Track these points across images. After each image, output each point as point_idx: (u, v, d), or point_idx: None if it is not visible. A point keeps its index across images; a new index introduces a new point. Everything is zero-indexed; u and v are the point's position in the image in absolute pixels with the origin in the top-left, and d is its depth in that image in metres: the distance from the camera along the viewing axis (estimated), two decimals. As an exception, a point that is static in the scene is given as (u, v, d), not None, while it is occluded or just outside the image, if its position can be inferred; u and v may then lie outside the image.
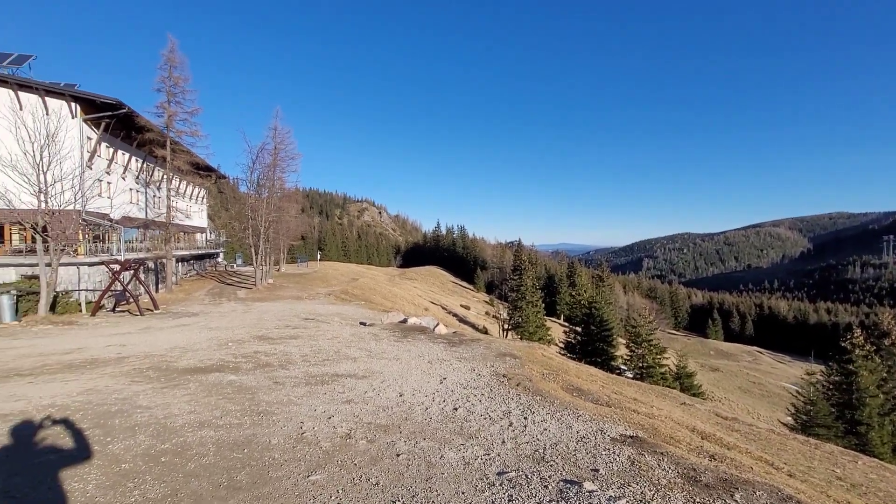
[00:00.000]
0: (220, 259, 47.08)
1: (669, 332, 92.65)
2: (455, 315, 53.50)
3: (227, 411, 5.36)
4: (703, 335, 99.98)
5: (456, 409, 5.62)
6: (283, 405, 5.64)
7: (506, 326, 45.39)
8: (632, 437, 4.88)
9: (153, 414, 5.21)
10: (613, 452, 4.34)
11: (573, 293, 60.51)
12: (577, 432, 4.93)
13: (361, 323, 14.38)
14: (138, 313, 17.00)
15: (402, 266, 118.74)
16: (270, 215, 32.70)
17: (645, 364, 29.71)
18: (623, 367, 31.94)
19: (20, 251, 22.90)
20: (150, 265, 26.31)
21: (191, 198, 41.24)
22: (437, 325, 11.77)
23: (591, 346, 32.86)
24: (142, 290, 18.82)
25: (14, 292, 15.18)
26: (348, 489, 3.58)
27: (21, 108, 21.47)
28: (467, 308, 65.33)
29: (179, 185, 35.93)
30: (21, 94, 23.55)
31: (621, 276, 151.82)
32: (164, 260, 27.38)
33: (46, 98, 23.66)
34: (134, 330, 13.01)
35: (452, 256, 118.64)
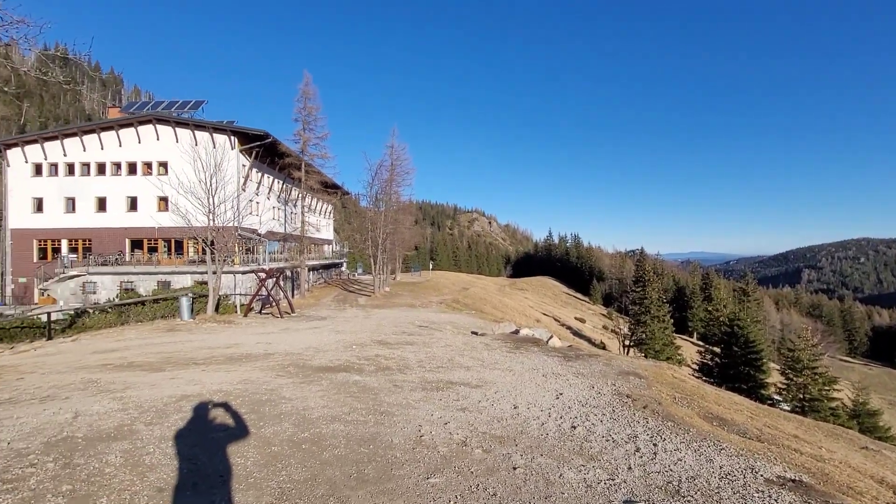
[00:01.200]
0: (343, 268, 51.84)
1: (842, 359, 76.91)
2: (569, 328, 51.36)
3: (354, 408, 5.80)
4: (893, 365, 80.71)
5: (574, 427, 5.32)
6: (403, 408, 5.92)
7: (626, 343, 42.21)
8: (793, 480, 4.09)
9: (294, 405, 5.87)
10: (769, 496, 3.68)
11: (709, 308, 53.92)
12: (721, 467, 4.29)
13: (473, 332, 14.55)
14: (279, 315, 19.37)
15: (512, 276, 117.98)
16: (387, 227, 35.12)
17: (807, 396, 25.04)
18: (776, 397, 27.37)
19: (193, 261, 27.99)
20: (287, 273, 30.02)
21: (320, 213, 46.29)
22: (551, 337, 11.36)
23: (732, 369, 28.74)
24: (281, 295, 21.52)
25: (191, 295, 18.39)
26: (466, 496, 3.59)
27: (196, 144, 26.32)
28: (582, 321, 62.27)
29: (311, 202, 40.61)
30: (197, 132, 28.95)
31: (772, 289, 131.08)
32: (298, 269, 31.07)
33: (214, 134, 28.72)
34: (276, 330, 14.89)
35: (566, 266, 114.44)
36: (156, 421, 5.15)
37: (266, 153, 31.28)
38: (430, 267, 73.79)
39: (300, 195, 33.13)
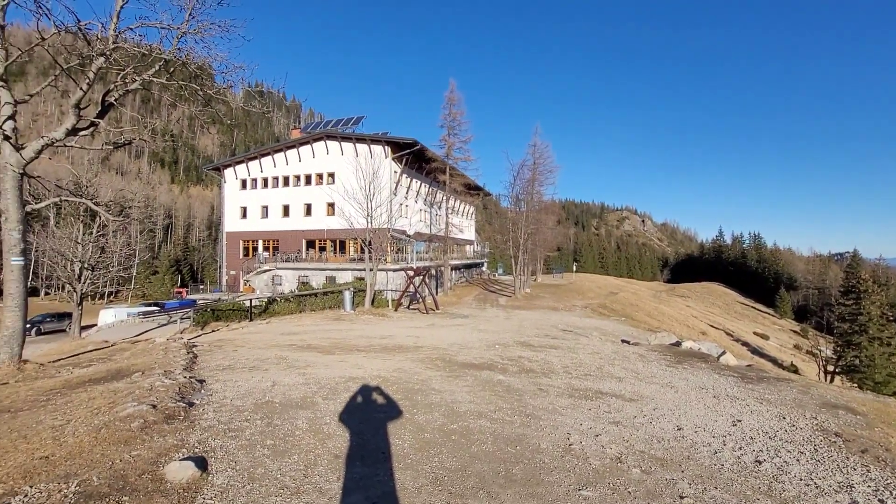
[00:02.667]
0: (484, 268, 53.10)
1: None
2: (745, 344, 44.10)
3: (499, 407, 5.82)
4: None
5: (759, 461, 4.45)
6: (549, 412, 5.72)
7: (830, 367, 34.34)
8: None
9: (443, 397, 6.15)
10: None
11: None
12: None
13: (624, 341, 13.45)
14: (425, 311, 20.70)
15: (669, 281, 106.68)
16: (528, 228, 34.86)
17: None
18: None
19: (353, 259, 31.78)
20: (432, 272, 31.98)
21: (462, 214, 48.21)
22: (724, 353, 9.79)
23: None
24: (427, 292, 22.97)
25: (352, 289, 20.86)
26: (625, 519, 3.27)
27: (357, 155, 29.80)
28: (764, 337, 52.78)
29: (454, 203, 42.57)
30: (357, 145, 32.77)
31: None
32: (442, 268, 32.82)
33: (371, 145, 32.17)
34: (423, 325, 15.92)
35: (741, 271, 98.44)
36: (330, 396, 5.92)
37: (414, 159, 33.93)
38: (574, 269, 70.80)
39: (444, 197, 35.07)
